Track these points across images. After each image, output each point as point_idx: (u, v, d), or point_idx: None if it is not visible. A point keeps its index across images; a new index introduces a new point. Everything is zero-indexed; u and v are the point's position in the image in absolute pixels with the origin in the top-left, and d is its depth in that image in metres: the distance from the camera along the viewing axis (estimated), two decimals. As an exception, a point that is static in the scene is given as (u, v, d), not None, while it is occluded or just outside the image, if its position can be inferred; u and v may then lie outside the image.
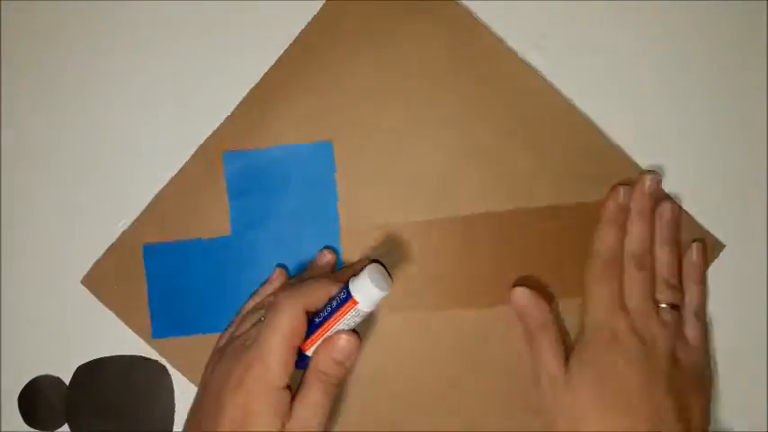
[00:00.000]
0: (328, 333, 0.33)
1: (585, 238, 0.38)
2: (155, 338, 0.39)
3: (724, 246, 0.39)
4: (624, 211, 0.38)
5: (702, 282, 0.38)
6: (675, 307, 0.37)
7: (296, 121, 0.39)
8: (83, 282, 0.39)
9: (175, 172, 0.39)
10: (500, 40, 0.39)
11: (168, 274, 0.39)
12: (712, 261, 0.39)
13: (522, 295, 0.37)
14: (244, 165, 0.39)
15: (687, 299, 0.38)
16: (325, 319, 0.33)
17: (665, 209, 0.38)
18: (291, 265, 0.39)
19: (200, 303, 0.39)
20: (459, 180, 0.39)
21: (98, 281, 0.39)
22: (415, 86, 0.39)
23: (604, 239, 0.37)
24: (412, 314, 0.39)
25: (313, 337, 0.33)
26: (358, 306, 0.33)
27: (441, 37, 0.39)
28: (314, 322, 0.34)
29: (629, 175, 0.39)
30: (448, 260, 0.39)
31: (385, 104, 0.39)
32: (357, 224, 0.39)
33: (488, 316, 0.38)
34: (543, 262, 0.39)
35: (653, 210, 0.38)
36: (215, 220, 0.39)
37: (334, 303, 0.33)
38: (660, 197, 0.38)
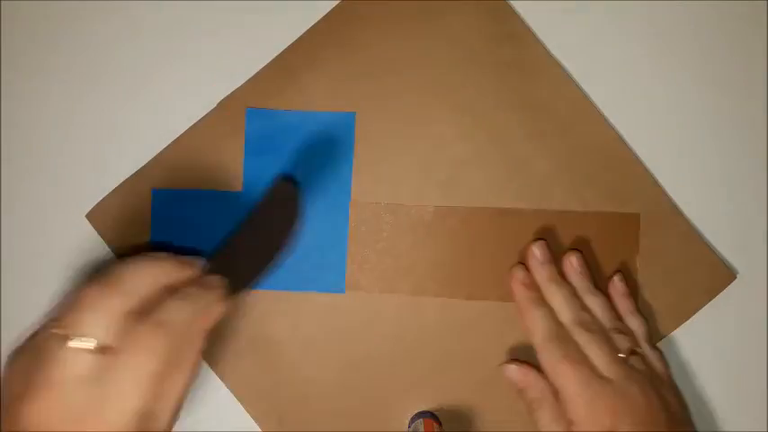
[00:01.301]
0: None
1: (594, 248, 0.38)
2: (150, 284, 0.39)
3: (736, 276, 0.38)
4: (533, 287, 0.36)
5: (636, 309, 0.37)
6: (634, 352, 0.35)
7: (322, 90, 0.39)
8: (87, 216, 0.39)
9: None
10: (543, 47, 0.39)
11: (174, 221, 0.39)
12: (722, 290, 0.38)
13: (514, 372, 0.36)
14: (266, 124, 0.39)
15: (636, 333, 0.36)
16: None
17: (572, 260, 0.37)
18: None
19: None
20: (475, 171, 0.39)
21: (103, 217, 0.39)
22: (447, 72, 0.39)
23: (539, 324, 0.35)
24: (408, 297, 0.38)
25: None
26: None
27: (480, 29, 0.39)
28: None
29: (648, 193, 0.38)
30: (451, 249, 0.38)
31: (414, 86, 0.39)
32: (367, 199, 0.39)
33: (483, 309, 0.38)
34: (549, 265, 0.38)
35: (557, 271, 0.37)
36: (228, 175, 0.39)
37: None
38: (551, 258, 0.37)
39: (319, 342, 0.38)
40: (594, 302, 0.36)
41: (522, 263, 0.38)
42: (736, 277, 0.38)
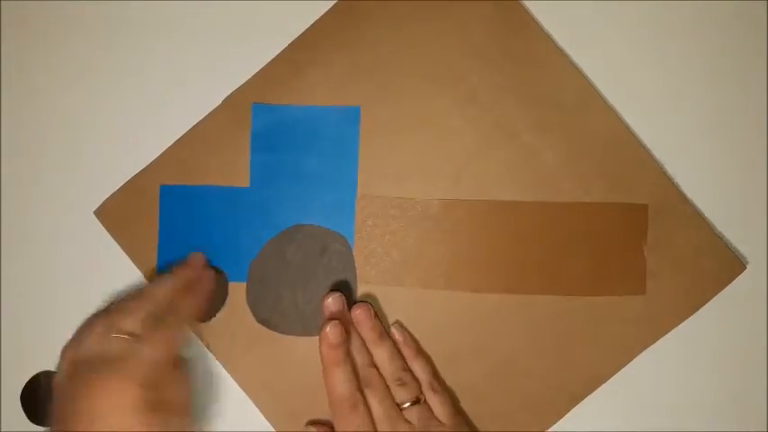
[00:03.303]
0: None
1: (602, 238, 0.38)
2: (159, 279, 0.39)
3: (746, 266, 0.38)
4: (337, 347, 0.36)
5: (419, 353, 0.38)
6: (417, 400, 0.36)
7: (327, 84, 0.39)
8: (96, 212, 0.40)
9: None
10: (549, 37, 0.38)
11: (182, 217, 0.39)
12: (732, 280, 0.38)
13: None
14: (272, 119, 0.39)
15: (418, 378, 0.37)
16: None
17: (357, 313, 0.37)
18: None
19: (209, 251, 0.39)
20: (481, 163, 0.38)
21: (111, 214, 0.39)
22: (452, 65, 0.39)
23: (331, 384, 0.36)
24: (415, 290, 0.38)
25: None
26: None
27: (486, 21, 0.38)
28: None
29: (656, 183, 0.38)
30: (457, 242, 0.38)
31: (419, 78, 0.39)
32: (374, 193, 0.39)
33: (490, 302, 0.38)
34: (554, 257, 0.38)
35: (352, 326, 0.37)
36: (235, 171, 0.39)
37: None
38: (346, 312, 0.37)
39: (327, 336, 0.39)
40: (381, 354, 0.37)
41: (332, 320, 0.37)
42: (745, 267, 0.38)
